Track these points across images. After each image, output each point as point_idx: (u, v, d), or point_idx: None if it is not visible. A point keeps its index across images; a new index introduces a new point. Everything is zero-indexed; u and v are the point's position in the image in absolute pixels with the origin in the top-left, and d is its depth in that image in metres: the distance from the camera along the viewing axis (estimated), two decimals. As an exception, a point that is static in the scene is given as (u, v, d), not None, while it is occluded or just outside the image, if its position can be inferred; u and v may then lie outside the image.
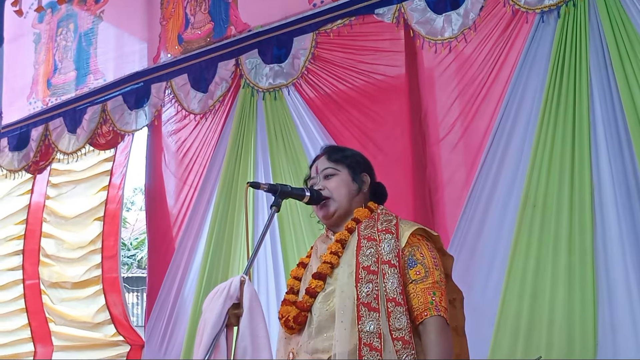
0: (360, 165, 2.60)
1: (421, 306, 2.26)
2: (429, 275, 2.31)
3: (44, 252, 6.09)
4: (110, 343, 5.54)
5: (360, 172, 2.58)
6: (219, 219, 4.62)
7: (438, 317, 2.26)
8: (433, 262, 2.35)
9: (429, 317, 2.25)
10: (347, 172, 2.55)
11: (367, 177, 2.59)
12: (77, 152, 5.72)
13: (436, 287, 2.30)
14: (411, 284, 2.30)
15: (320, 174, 2.56)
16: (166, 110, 5.25)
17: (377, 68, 4.18)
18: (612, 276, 3.13)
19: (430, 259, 2.35)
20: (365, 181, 2.58)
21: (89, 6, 5.99)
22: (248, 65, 4.72)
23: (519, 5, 3.60)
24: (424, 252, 2.36)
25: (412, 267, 2.32)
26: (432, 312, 2.26)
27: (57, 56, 6.19)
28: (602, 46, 3.36)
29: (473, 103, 3.77)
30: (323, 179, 2.55)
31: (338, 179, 2.54)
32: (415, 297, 2.28)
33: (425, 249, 2.38)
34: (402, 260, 2.33)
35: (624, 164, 3.20)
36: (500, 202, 3.55)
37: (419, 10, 3.95)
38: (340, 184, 2.53)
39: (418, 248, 2.37)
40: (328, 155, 2.60)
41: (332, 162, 2.57)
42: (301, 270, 2.61)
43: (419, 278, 2.31)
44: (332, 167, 2.55)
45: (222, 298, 2.19)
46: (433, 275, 2.31)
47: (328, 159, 2.58)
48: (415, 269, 2.32)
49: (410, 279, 2.31)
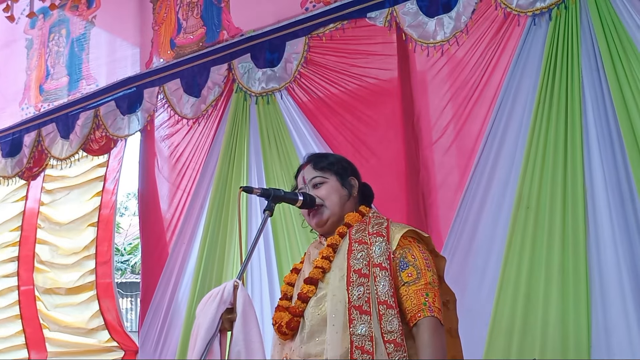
0: (347, 170, 2.61)
1: (414, 308, 2.26)
2: (421, 277, 2.31)
3: (38, 258, 6.07)
4: (104, 349, 5.52)
5: (348, 176, 2.59)
6: (212, 224, 4.62)
7: (431, 318, 2.26)
8: (425, 264, 2.35)
9: (423, 318, 2.25)
10: (336, 179, 2.56)
11: (355, 180, 2.60)
12: (70, 158, 5.71)
13: (429, 289, 2.30)
14: (403, 286, 2.30)
15: (309, 184, 2.57)
16: (159, 115, 5.24)
17: (370, 72, 4.18)
18: (605, 277, 3.13)
19: (422, 260, 2.35)
20: (354, 185, 2.59)
21: (81, 12, 5.98)
22: (240, 69, 4.72)
23: (511, 8, 3.61)
24: (416, 253, 2.37)
25: (404, 270, 2.32)
26: (426, 312, 2.26)
27: (50, 62, 6.18)
28: (594, 48, 3.37)
29: (466, 106, 3.78)
30: (312, 188, 2.55)
31: (328, 186, 2.54)
32: (408, 299, 2.28)
33: (417, 251, 2.38)
34: (394, 262, 2.33)
35: (616, 166, 3.21)
36: (494, 204, 3.55)
37: (411, 13, 3.96)
38: (331, 192, 2.53)
39: (409, 250, 2.37)
40: (314, 164, 2.60)
41: (319, 171, 2.57)
42: (294, 276, 2.61)
43: (411, 280, 2.31)
44: (320, 176, 2.56)
45: (216, 303, 2.19)
46: (425, 276, 2.31)
47: (314, 168, 2.59)
48: (407, 271, 2.32)
49: (402, 281, 2.31)
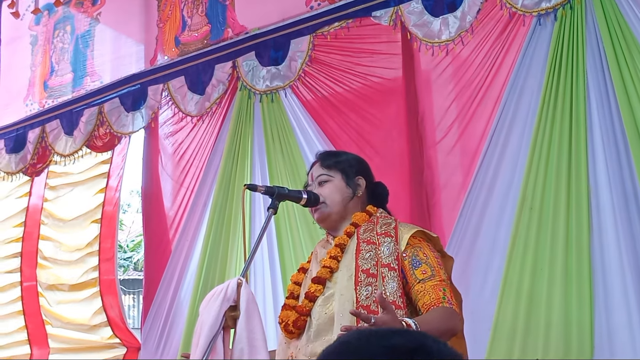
0: (354, 169, 2.60)
1: (433, 301, 2.23)
2: (435, 274, 2.31)
3: (41, 254, 6.07)
4: (107, 345, 5.53)
5: (355, 176, 2.58)
6: (216, 222, 4.62)
7: (450, 308, 2.24)
8: (437, 262, 2.36)
9: (440, 306, 2.23)
10: (341, 178, 2.55)
11: (363, 180, 2.59)
12: (74, 154, 5.70)
13: (445, 285, 2.30)
14: (419, 283, 2.29)
15: (315, 181, 2.58)
16: (163, 113, 5.24)
17: (374, 70, 4.18)
18: (608, 278, 3.13)
19: (434, 258, 2.36)
20: (360, 184, 2.58)
21: (86, 8, 5.98)
22: (245, 67, 4.72)
23: (516, 8, 3.60)
24: (427, 252, 2.37)
25: (417, 267, 2.32)
26: (445, 304, 2.24)
27: (54, 58, 6.18)
28: (599, 49, 3.36)
29: (470, 106, 3.77)
30: (318, 185, 2.56)
31: (331, 185, 2.54)
32: (426, 294, 2.26)
33: (428, 249, 2.38)
34: (404, 262, 2.33)
35: (621, 166, 3.20)
36: (497, 205, 3.54)
37: (416, 13, 3.95)
38: (334, 190, 2.53)
39: (420, 249, 2.37)
40: (321, 162, 2.61)
41: (325, 169, 2.58)
42: (301, 275, 2.62)
43: (426, 277, 2.30)
44: (326, 174, 2.56)
45: (219, 300, 2.19)
46: (439, 273, 2.32)
47: (321, 166, 2.60)
48: (420, 269, 2.31)
49: (417, 278, 2.30)
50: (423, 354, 0.98)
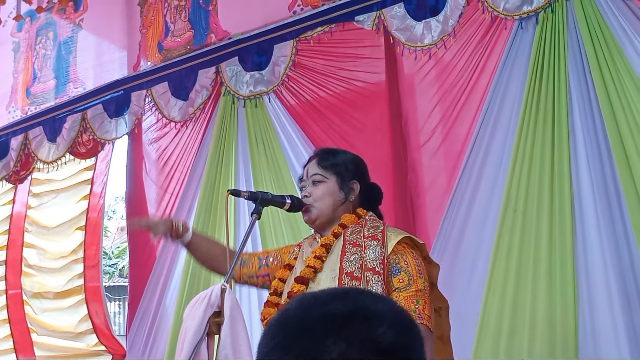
0: (350, 172, 2.55)
1: None
2: (412, 284, 2.29)
3: (26, 262, 6.04)
4: (92, 353, 5.51)
5: (350, 180, 2.54)
6: (201, 227, 4.59)
7: (420, 325, 2.25)
8: (417, 270, 2.33)
9: None
10: (335, 181, 2.51)
11: (357, 184, 2.55)
12: (57, 161, 5.69)
13: (419, 295, 2.28)
14: (394, 292, 2.28)
15: (309, 179, 2.54)
16: (146, 119, 5.23)
17: (358, 75, 4.18)
18: (592, 280, 3.15)
19: (415, 266, 2.33)
20: (354, 189, 2.54)
21: (68, 14, 5.96)
22: (228, 72, 4.72)
23: (498, 11, 3.62)
24: (409, 259, 2.34)
25: (396, 275, 2.31)
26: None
27: (37, 65, 6.16)
28: (580, 51, 3.39)
29: (453, 109, 3.78)
30: (311, 184, 2.53)
31: (324, 187, 2.51)
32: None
33: (410, 257, 2.36)
34: (387, 268, 2.32)
35: (603, 169, 3.22)
36: (482, 207, 3.56)
37: (399, 17, 3.97)
38: (326, 193, 2.50)
39: (403, 256, 2.35)
40: (319, 160, 2.56)
41: (322, 169, 2.53)
42: (287, 272, 2.59)
43: (402, 286, 2.29)
44: (321, 174, 2.52)
45: (203, 306, 2.18)
46: (417, 283, 2.29)
47: (318, 164, 2.55)
48: (398, 277, 2.30)
49: (393, 286, 2.29)
50: (360, 317, 0.97)
